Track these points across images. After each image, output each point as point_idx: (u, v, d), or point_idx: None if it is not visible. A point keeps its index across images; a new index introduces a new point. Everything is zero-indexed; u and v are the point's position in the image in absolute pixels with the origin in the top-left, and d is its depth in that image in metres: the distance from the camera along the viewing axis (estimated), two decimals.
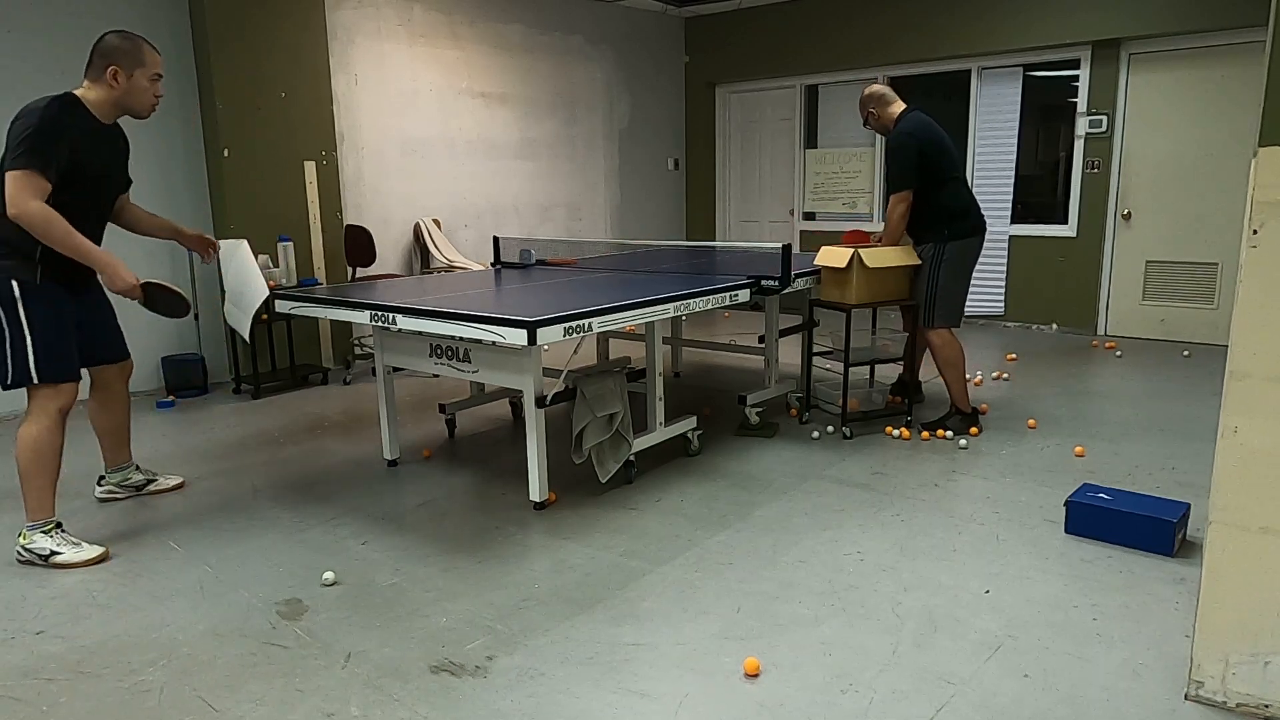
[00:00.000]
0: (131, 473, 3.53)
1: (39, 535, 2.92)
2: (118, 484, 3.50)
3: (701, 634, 2.41)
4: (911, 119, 4.10)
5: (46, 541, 2.91)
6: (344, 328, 5.99)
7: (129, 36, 2.95)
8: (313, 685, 2.20)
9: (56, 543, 2.92)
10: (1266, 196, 1.82)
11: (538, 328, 2.83)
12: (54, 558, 2.89)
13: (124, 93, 2.94)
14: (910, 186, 4.03)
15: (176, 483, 3.65)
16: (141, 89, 2.96)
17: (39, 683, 2.24)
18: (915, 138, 4.02)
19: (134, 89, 2.95)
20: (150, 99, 3.01)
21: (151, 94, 3.00)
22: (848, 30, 7.53)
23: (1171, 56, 6.24)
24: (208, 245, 3.42)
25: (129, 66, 2.92)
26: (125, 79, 2.92)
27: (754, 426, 4.30)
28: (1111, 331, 6.75)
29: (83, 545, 2.95)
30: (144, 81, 2.96)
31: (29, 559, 2.91)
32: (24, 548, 2.92)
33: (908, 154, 4.02)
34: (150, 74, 2.97)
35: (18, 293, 2.82)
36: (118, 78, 2.91)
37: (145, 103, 3.00)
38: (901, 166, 4.04)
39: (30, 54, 4.69)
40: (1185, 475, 3.59)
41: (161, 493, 3.58)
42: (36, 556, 2.90)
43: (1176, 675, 2.16)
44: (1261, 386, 1.88)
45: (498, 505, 3.41)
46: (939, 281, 4.08)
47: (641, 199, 8.47)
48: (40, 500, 2.93)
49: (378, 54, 6.17)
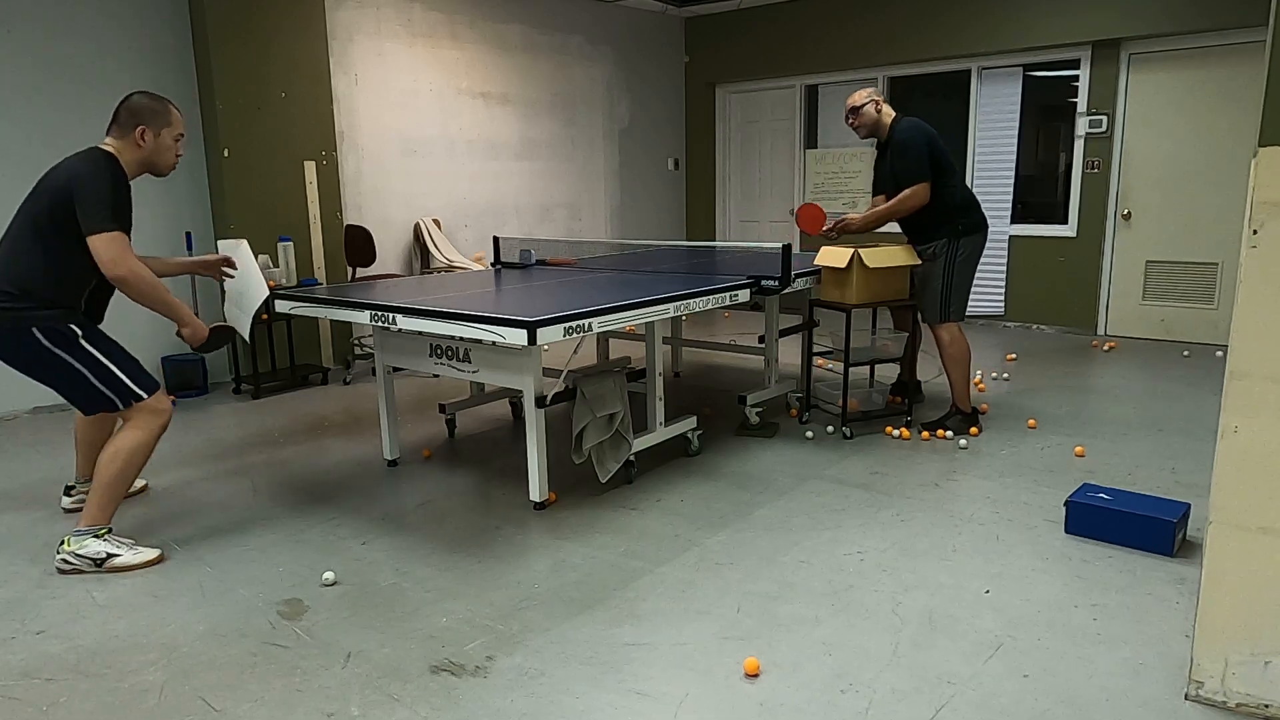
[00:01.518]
0: None
1: (91, 540, 2.87)
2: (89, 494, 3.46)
3: (701, 634, 2.41)
4: (910, 120, 4.14)
5: (101, 545, 2.87)
6: (344, 328, 5.99)
7: (156, 98, 3.01)
8: (313, 685, 2.20)
9: (113, 545, 2.89)
10: (1266, 196, 1.82)
11: (538, 328, 2.83)
12: (111, 560, 2.86)
13: (150, 152, 2.99)
14: (928, 178, 4.04)
15: (141, 486, 3.63)
16: (167, 148, 3.02)
17: (39, 683, 2.24)
18: (923, 135, 4.04)
19: (160, 149, 3.01)
20: (173, 158, 3.06)
21: (174, 153, 3.06)
22: (848, 30, 7.53)
23: (1171, 56, 6.24)
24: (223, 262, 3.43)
25: (156, 126, 2.97)
26: (153, 138, 2.97)
27: (754, 426, 4.30)
28: (1111, 331, 6.75)
29: (138, 547, 2.94)
30: (169, 141, 3.02)
31: (76, 566, 2.85)
32: (74, 554, 2.85)
33: (920, 147, 4.03)
34: (175, 134, 3.03)
35: (78, 330, 2.90)
36: (145, 136, 2.96)
37: (168, 161, 3.06)
38: (917, 158, 4.03)
39: (30, 54, 4.69)
40: (1185, 475, 3.59)
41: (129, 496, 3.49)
42: (88, 562, 2.85)
43: (1176, 675, 2.16)
44: (1261, 386, 1.88)
45: (498, 505, 3.41)
46: (954, 277, 4.08)
47: (641, 199, 8.47)
48: (106, 509, 2.93)
49: (378, 54, 6.17)
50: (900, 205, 4.09)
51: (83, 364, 2.90)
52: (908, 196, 4.06)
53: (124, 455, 2.92)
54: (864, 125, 4.22)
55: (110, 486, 2.92)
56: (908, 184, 4.05)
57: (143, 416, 2.96)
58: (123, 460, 2.92)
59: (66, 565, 2.86)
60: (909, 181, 4.05)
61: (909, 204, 4.07)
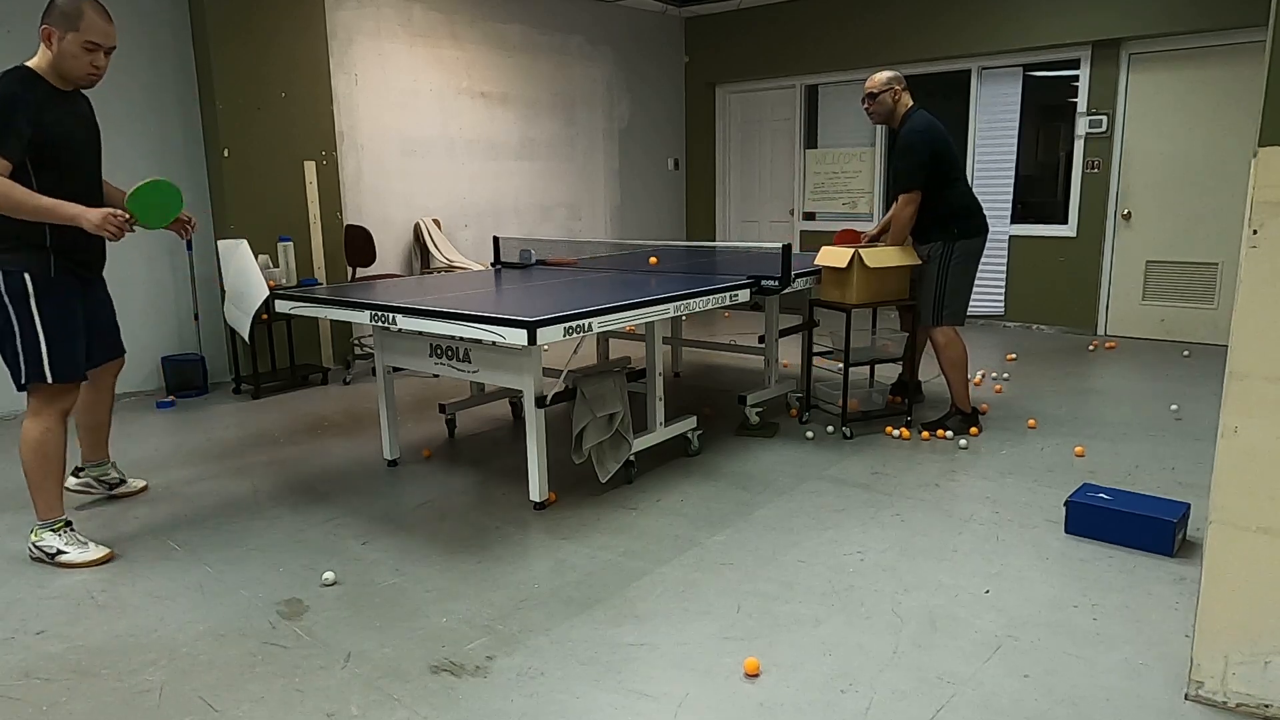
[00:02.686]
0: (110, 469, 3.51)
1: (48, 533, 2.92)
2: (96, 478, 3.47)
3: (701, 634, 2.41)
4: (921, 118, 4.08)
5: (55, 540, 2.91)
6: (344, 328, 5.99)
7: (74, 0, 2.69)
8: (313, 685, 2.20)
9: (64, 541, 2.91)
10: (1266, 196, 1.82)
11: (538, 328, 2.83)
12: (59, 556, 2.89)
13: (56, 56, 2.70)
14: (919, 187, 4.02)
15: (141, 486, 3.61)
16: (70, 55, 2.70)
17: (39, 683, 2.24)
18: (928, 138, 4.01)
19: (63, 54, 2.70)
20: (83, 68, 2.73)
21: (85, 63, 2.73)
22: (848, 30, 7.53)
23: (1171, 56, 6.24)
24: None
25: (62, 28, 2.68)
26: (57, 42, 2.69)
27: (754, 426, 4.30)
28: (1111, 331, 6.75)
29: (89, 545, 2.95)
30: (74, 48, 2.69)
31: (39, 556, 2.92)
32: (34, 545, 2.92)
33: (920, 154, 4.00)
34: (83, 41, 2.69)
35: (30, 287, 2.74)
36: (51, 39, 2.69)
37: (76, 70, 2.73)
38: (913, 165, 4.01)
39: (29, 54, 4.68)
40: (1185, 475, 3.59)
41: (127, 496, 3.55)
42: (44, 554, 2.91)
43: (1176, 675, 2.16)
44: (1261, 386, 1.88)
45: (498, 505, 3.41)
46: (948, 280, 4.08)
47: (641, 199, 8.47)
48: (48, 500, 2.92)
49: (378, 54, 6.17)
50: (899, 224, 4.11)
51: (19, 321, 2.75)
52: (899, 210, 4.09)
53: (32, 450, 2.86)
54: (878, 112, 4.18)
55: (34, 480, 2.89)
56: (898, 188, 4.08)
57: (37, 400, 2.84)
58: (32, 455, 2.86)
59: (33, 553, 2.93)
60: (899, 187, 4.08)
61: (900, 219, 4.09)
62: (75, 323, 2.88)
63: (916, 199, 4.03)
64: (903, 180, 4.04)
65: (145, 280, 5.26)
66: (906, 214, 4.06)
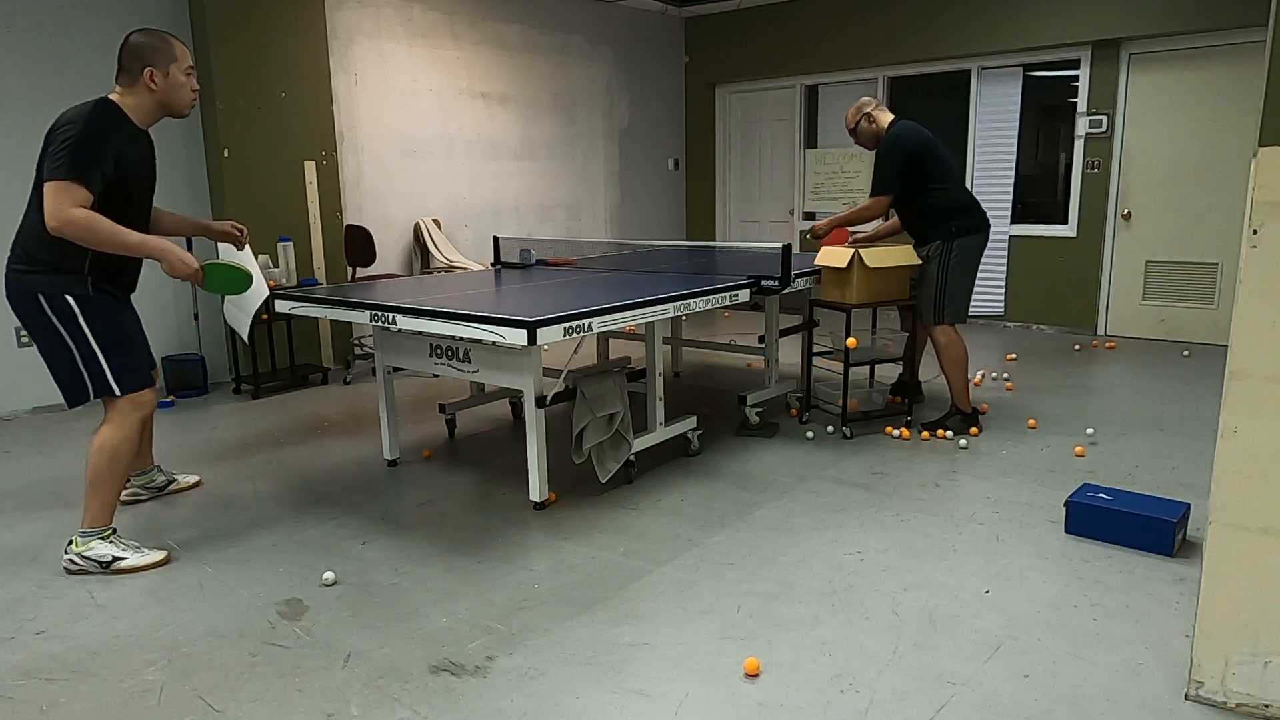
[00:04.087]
0: (155, 474, 3.53)
1: (97, 542, 2.85)
2: (142, 486, 3.48)
3: (701, 634, 2.41)
4: (901, 125, 4.16)
5: (108, 548, 2.85)
6: (344, 328, 5.99)
7: (155, 33, 2.84)
8: (313, 685, 2.20)
9: (119, 548, 2.87)
10: (1266, 196, 1.82)
11: (538, 328, 2.83)
12: (117, 563, 2.84)
13: (164, 92, 2.84)
14: (892, 191, 4.12)
15: (194, 481, 3.64)
16: (180, 85, 2.86)
17: (39, 683, 2.24)
18: (903, 145, 4.08)
19: (173, 86, 2.85)
20: (189, 95, 2.91)
21: (189, 89, 2.90)
22: (848, 30, 7.53)
23: (1171, 56, 6.24)
24: (236, 232, 3.36)
25: (163, 64, 2.81)
26: (163, 78, 2.82)
27: (754, 426, 4.30)
28: (1111, 331, 6.75)
29: (144, 549, 2.92)
30: (180, 76, 2.86)
31: (83, 567, 2.83)
32: (80, 555, 2.83)
33: (892, 162, 4.09)
34: (184, 68, 2.87)
35: (75, 307, 2.79)
36: (155, 79, 2.81)
37: (185, 99, 2.90)
38: (886, 172, 4.10)
39: (29, 54, 4.69)
40: (1185, 475, 3.59)
41: (181, 491, 3.58)
42: (95, 564, 2.83)
43: (1176, 675, 2.16)
44: (1261, 386, 1.88)
45: (498, 505, 3.41)
46: (948, 279, 4.09)
47: (641, 199, 8.47)
48: (104, 509, 2.88)
49: (378, 54, 6.17)
50: (857, 214, 4.25)
51: (72, 340, 2.80)
52: (864, 207, 4.19)
53: (104, 457, 2.85)
54: (865, 141, 4.29)
55: (97, 485, 2.87)
56: (874, 193, 4.15)
57: (117, 410, 2.88)
58: (103, 462, 2.85)
59: (74, 566, 2.84)
60: (873, 190, 4.16)
61: (864, 215, 4.22)
62: (127, 333, 2.91)
63: (884, 203, 4.15)
64: (876, 183, 4.15)
65: (145, 280, 5.16)
66: (869, 213, 4.19)
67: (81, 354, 2.82)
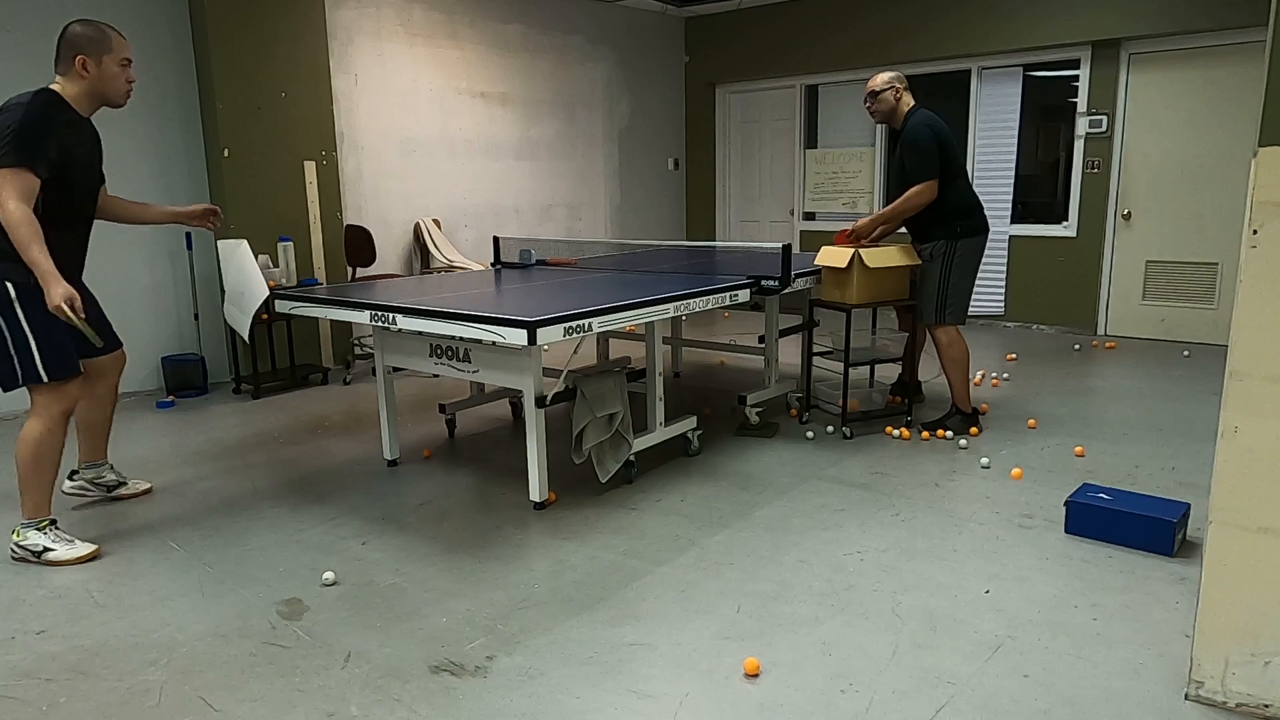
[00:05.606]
0: (105, 471, 3.49)
1: (33, 531, 2.92)
2: (90, 480, 3.46)
3: (701, 634, 2.41)
4: (926, 114, 4.07)
5: (40, 538, 2.91)
6: (344, 328, 5.99)
7: (92, 24, 2.88)
8: (313, 685, 2.20)
9: (50, 539, 2.92)
10: (1266, 196, 1.82)
11: (538, 328, 2.83)
12: (46, 554, 2.89)
13: (95, 81, 2.87)
14: (935, 176, 3.98)
15: (145, 488, 3.59)
16: (113, 75, 2.89)
17: (39, 683, 2.24)
18: (934, 130, 4.00)
19: (105, 76, 2.88)
20: (123, 85, 2.93)
21: (123, 80, 2.92)
22: (848, 30, 7.53)
23: (1171, 56, 6.24)
24: (211, 215, 3.36)
25: (95, 54, 2.85)
26: (95, 67, 2.85)
27: (754, 426, 4.30)
28: (1111, 331, 6.75)
29: (75, 542, 2.95)
30: (114, 67, 2.89)
31: (22, 555, 2.92)
32: (17, 544, 2.92)
33: (929, 144, 3.98)
34: (119, 59, 2.90)
35: (13, 294, 2.81)
36: (87, 67, 2.84)
37: (118, 90, 2.93)
38: (926, 155, 3.98)
39: (29, 54, 4.69)
40: (1185, 475, 3.59)
41: (129, 497, 3.53)
42: (29, 553, 2.91)
43: (1176, 675, 2.16)
44: (1261, 386, 1.88)
45: (498, 505, 3.41)
46: (950, 279, 4.08)
47: (641, 199, 8.47)
48: (38, 499, 2.93)
49: (378, 54, 6.17)
50: (906, 204, 4.04)
51: (7, 327, 2.82)
52: (914, 194, 4.01)
53: (30, 448, 2.88)
54: (880, 111, 4.16)
55: (25, 478, 2.90)
56: (916, 180, 4.01)
57: (40, 400, 2.89)
58: (29, 453, 2.88)
59: (15, 553, 2.92)
60: (918, 178, 4.00)
61: (915, 201, 4.02)
62: (60, 323, 2.90)
63: (933, 187, 3.99)
64: (920, 171, 3.99)
65: (145, 280, 5.27)
66: (919, 199, 4.00)
67: (13, 340, 2.83)
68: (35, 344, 2.84)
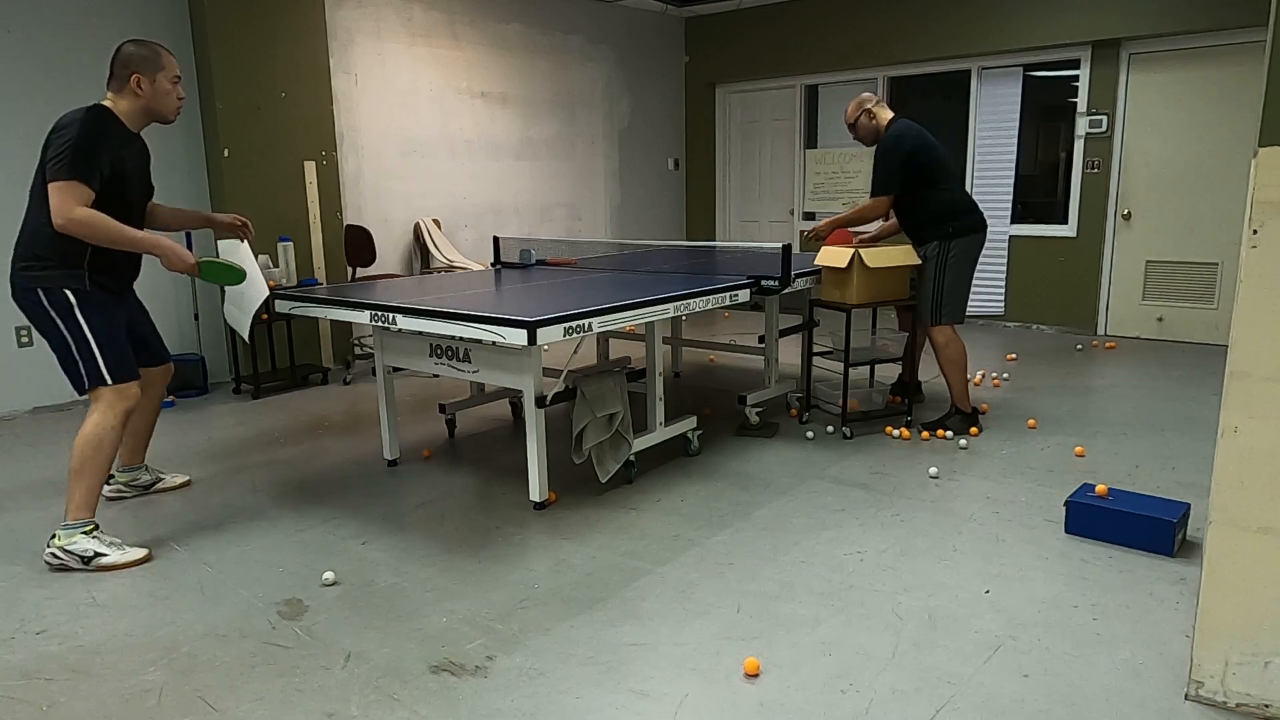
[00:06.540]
0: (141, 473, 3.55)
1: (80, 536, 2.87)
2: (126, 483, 3.51)
3: (701, 634, 2.41)
4: (901, 124, 4.16)
5: (90, 543, 2.87)
6: (344, 328, 5.99)
7: (145, 44, 3.01)
8: (313, 685, 2.20)
9: (102, 544, 2.89)
10: (1266, 196, 1.82)
11: (538, 328, 2.83)
12: (98, 559, 2.85)
13: (149, 99, 3.00)
14: (894, 191, 4.12)
15: (182, 481, 3.66)
16: (165, 93, 3.02)
17: (39, 683, 2.24)
18: (902, 144, 4.08)
19: (158, 94, 3.01)
20: (174, 102, 3.07)
21: (175, 97, 3.06)
22: (848, 30, 7.53)
23: (1171, 56, 6.24)
24: (241, 226, 3.44)
25: (150, 72, 2.97)
26: (149, 85, 2.98)
27: (754, 426, 4.30)
28: (1111, 331, 6.75)
29: (125, 547, 2.93)
30: (166, 85, 3.02)
31: (64, 561, 2.85)
32: (62, 549, 2.85)
33: (891, 161, 4.09)
34: (171, 76, 3.03)
35: (74, 301, 2.89)
36: (141, 85, 2.96)
37: (170, 106, 3.06)
38: (889, 170, 4.10)
39: (29, 54, 4.69)
40: (1185, 475, 3.59)
41: (167, 490, 3.59)
42: (76, 559, 2.85)
43: (1176, 675, 2.16)
44: (1261, 386, 1.88)
45: (498, 505, 3.41)
46: (945, 279, 4.09)
47: (641, 199, 8.47)
48: (87, 499, 2.91)
49: (378, 54, 6.17)
50: (858, 214, 4.26)
51: (70, 334, 2.90)
52: (866, 208, 4.21)
53: (89, 446, 2.89)
54: (864, 137, 4.30)
55: (80, 473, 2.90)
56: (872, 194, 4.17)
57: (103, 400, 2.94)
58: (88, 451, 2.89)
59: (55, 560, 2.86)
60: (873, 192, 4.18)
61: (865, 215, 4.24)
62: (119, 326, 3.04)
63: (885, 204, 4.16)
64: (876, 184, 4.15)
65: (145, 280, 5.18)
66: (870, 213, 4.21)
67: (77, 346, 2.91)
68: (98, 348, 2.92)
